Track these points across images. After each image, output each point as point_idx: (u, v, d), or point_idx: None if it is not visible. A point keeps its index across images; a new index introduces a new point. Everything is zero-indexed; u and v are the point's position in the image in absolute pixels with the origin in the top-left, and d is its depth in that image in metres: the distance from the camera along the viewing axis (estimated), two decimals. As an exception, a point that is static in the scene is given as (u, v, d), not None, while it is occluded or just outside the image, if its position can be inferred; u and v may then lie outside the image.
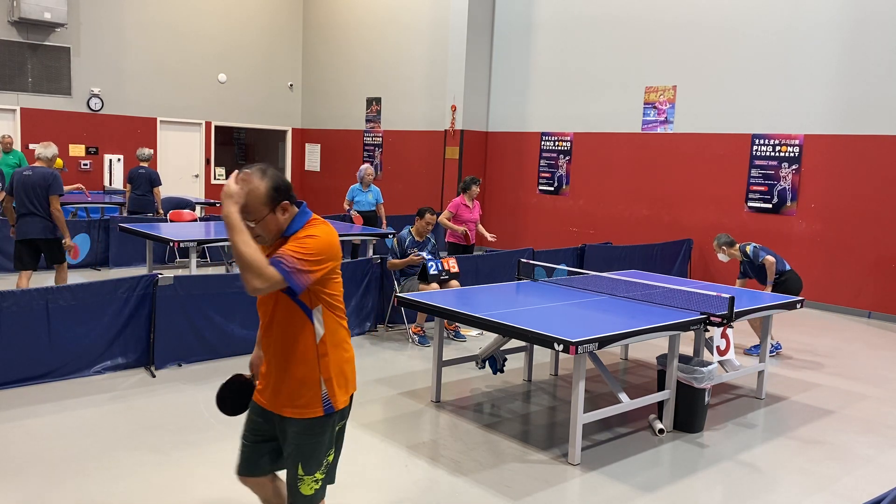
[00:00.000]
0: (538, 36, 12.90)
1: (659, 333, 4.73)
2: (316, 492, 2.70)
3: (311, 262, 2.50)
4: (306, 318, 2.62)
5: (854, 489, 4.29)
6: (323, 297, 2.62)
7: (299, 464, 2.67)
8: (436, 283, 6.96)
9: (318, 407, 2.64)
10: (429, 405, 5.41)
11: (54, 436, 4.57)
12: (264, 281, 2.41)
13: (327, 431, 2.68)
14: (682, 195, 11.12)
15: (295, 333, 2.63)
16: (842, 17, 9.43)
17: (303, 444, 2.66)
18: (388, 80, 15.51)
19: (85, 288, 5.69)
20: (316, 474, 2.68)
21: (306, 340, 2.63)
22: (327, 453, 2.71)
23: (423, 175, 14.73)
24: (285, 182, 2.61)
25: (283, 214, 2.60)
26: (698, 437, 4.99)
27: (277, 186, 2.56)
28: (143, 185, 10.95)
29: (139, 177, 10.96)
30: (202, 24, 16.05)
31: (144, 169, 10.98)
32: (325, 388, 2.65)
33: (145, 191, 10.95)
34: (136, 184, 10.97)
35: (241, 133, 18.49)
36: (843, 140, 9.49)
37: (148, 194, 10.96)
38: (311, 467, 2.67)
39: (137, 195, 10.97)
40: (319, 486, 2.70)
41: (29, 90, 13.95)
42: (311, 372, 2.64)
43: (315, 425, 2.66)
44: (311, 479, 2.68)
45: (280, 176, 2.61)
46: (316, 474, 2.68)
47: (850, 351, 7.61)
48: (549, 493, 4.07)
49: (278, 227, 2.61)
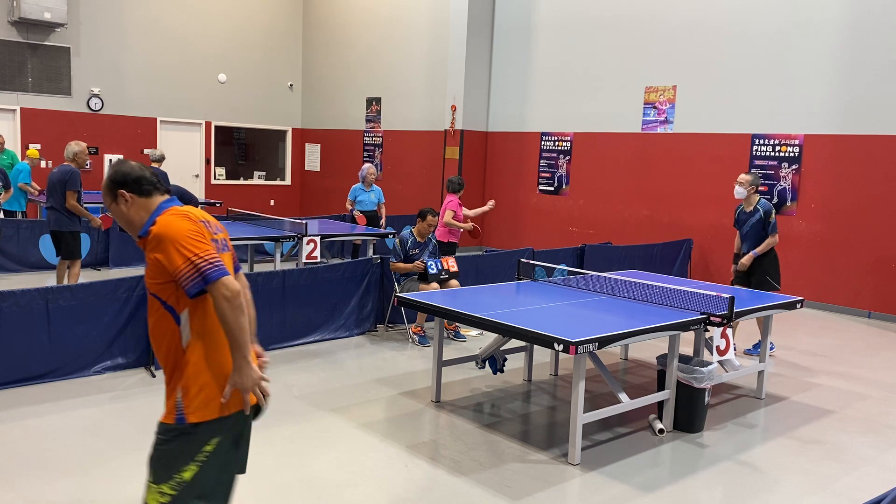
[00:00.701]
0: (538, 36, 12.90)
1: (659, 333, 4.73)
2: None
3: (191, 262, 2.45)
4: (174, 322, 2.53)
5: (854, 489, 4.29)
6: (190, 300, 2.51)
7: (149, 468, 2.52)
8: (436, 282, 6.96)
9: (172, 414, 2.50)
10: (429, 405, 5.42)
11: (54, 436, 4.57)
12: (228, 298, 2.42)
13: (179, 443, 2.48)
14: (682, 195, 11.12)
15: (162, 336, 2.56)
16: (842, 17, 9.43)
17: (154, 446, 2.52)
18: (388, 80, 15.50)
19: (85, 288, 5.69)
20: (162, 486, 2.45)
21: (171, 344, 2.54)
22: (181, 468, 2.47)
23: (423, 175, 14.73)
24: (128, 174, 2.61)
25: (126, 206, 2.59)
26: (698, 437, 4.99)
27: (113, 177, 2.61)
28: None
29: None
30: (202, 25, 16.05)
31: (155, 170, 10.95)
32: (180, 395, 2.49)
33: None
34: None
35: (241, 133, 18.48)
36: (843, 140, 9.49)
37: None
38: (157, 476, 2.48)
39: None
40: (166, 502, 2.46)
41: (29, 90, 13.95)
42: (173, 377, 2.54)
43: (166, 431, 2.50)
44: (157, 489, 2.46)
45: (125, 168, 2.63)
46: (162, 486, 2.45)
47: (850, 351, 7.61)
48: (549, 493, 4.07)
49: (128, 220, 2.60)
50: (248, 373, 2.48)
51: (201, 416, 2.48)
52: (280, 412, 5.14)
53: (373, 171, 10.36)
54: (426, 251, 7.31)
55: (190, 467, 2.47)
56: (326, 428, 4.88)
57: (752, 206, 7.11)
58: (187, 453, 2.48)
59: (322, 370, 6.17)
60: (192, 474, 2.47)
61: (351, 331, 7.29)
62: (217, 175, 16.80)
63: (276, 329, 6.70)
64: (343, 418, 5.07)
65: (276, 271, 6.77)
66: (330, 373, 6.11)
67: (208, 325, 2.52)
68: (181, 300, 2.50)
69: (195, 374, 2.50)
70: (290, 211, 17.44)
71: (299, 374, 6.02)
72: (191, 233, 2.48)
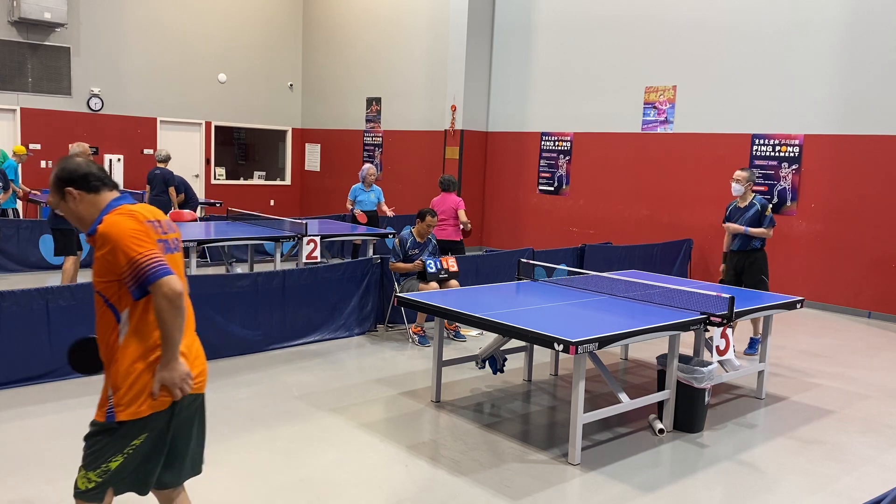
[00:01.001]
0: (538, 36, 12.90)
1: (659, 333, 4.73)
2: (88, 490, 2.63)
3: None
4: (115, 320, 2.61)
5: (854, 489, 4.29)
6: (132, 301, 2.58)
7: (83, 453, 2.65)
8: (435, 282, 6.97)
9: (103, 411, 2.62)
10: (429, 405, 5.42)
11: (54, 436, 4.57)
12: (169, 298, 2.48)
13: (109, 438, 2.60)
14: (682, 195, 11.12)
15: (103, 333, 2.64)
16: (842, 17, 9.43)
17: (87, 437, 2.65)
18: (388, 80, 15.50)
19: (85, 288, 5.69)
20: (90, 473, 2.62)
21: (109, 342, 2.63)
22: (109, 459, 2.61)
23: (423, 175, 14.73)
24: (75, 171, 2.62)
25: (74, 203, 2.62)
26: (698, 437, 4.99)
27: (60, 175, 2.62)
28: (159, 186, 11.00)
29: (155, 178, 11.04)
30: (202, 25, 16.05)
31: (160, 170, 11.03)
32: (111, 393, 2.61)
33: (160, 191, 10.99)
34: (152, 185, 11.05)
35: (241, 133, 18.48)
36: (843, 140, 9.49)
37: (163, 195, 10.98)
38: (87, 463, 2.63)
39: (154, 196, 11.02)
40: (92, 487, 2.62)
41: (29, 90, 13.95)
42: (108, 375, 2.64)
43: (98, 426, 2.64)
44: (85, 475, 2.63)
45: (71, 165, 2.64)
46: (90, 473, 2.62)
47: (851, 351, 7.61)
48: (549, 493, 4.07)
49: (78, 216, 2.64)
50: (176, 367, 2.58)
51: (129, 415, 2.58)
52: (280, 412, 5.14)
53: (372, 172, 10.37)
54: (426, 251, 7.32)
55: (117, 458, 2.61)
56: (326, 428, 4.88)
57: (747, 202, 7.07)
58: (116, 447, 2.61)
59: (322, 370, 6.17)
60: (117, 464, 2.62)
61: (351, 331, 7.30)
62: (217, 175, 16.81)
63: (276, 329, 6.70)
64: (343, 418, 5.07)
65: (276, 271, 6.77)
66: (330, 373, 6.11)
67: (144, 326, 2.59)
68: (123, 299, 2.57)
69: (126, 373, 2.58)
70: (290, 211, 17.44)
71: (299, 374, 6.02)
72: (135, 232, 2.52)
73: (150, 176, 11.09)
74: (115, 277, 2.53)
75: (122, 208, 2.61)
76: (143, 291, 2.51)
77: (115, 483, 2.65)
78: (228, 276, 6.48)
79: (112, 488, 2.66)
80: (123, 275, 2.51)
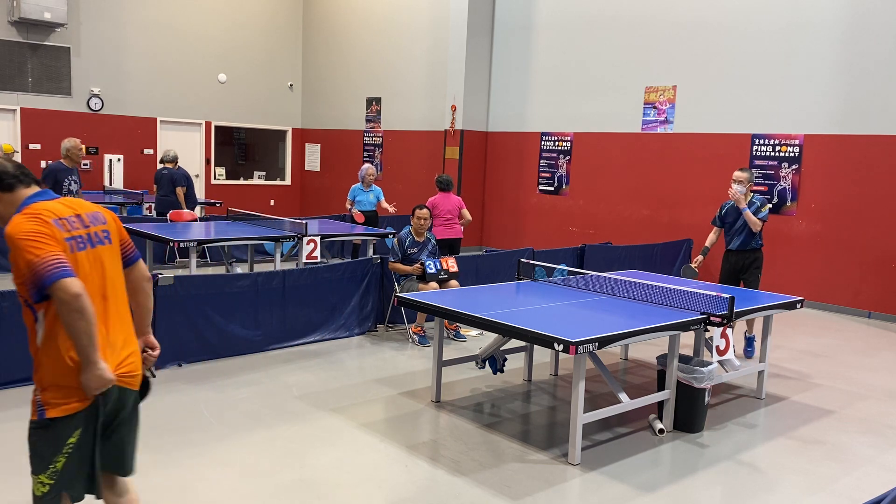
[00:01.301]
0: (538, 36, 12.90)
1: (659, 333, 4.73)
2: (43, 494, 2.63)
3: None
4: (33, 320, 2.62)
5: (854, 489, 4.29)
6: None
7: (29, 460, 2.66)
8: (435, 282, 6.96)
9: (34, 409, 2.62)
10: (429, 405, 5.42)
11: (54, 436, 4.56)
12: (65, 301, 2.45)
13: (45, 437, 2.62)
14: (682, 195, 11.12)
15: (28, 333, 2.65)
16: (842, 17, 9.43)
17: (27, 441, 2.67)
18: (388, 80, 15.50)
19: (85, 288, 5.68)
20: (41, 477, 2.62)
21: (32, 341, 2.64)
22: (53, 459, 2.61)
23: (423, 175, 14.72)
24: None
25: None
26: (698, 437, 4.99)
27: None
28: (166, 186, 10.99)
29: (162, 178, 11.03)
30: (202, 24, 16.05)
31: (167, 170, 11.03)
32: (39, 392, 2.62)
33: (168, 191, 10.98)
34: (159, 185, 11.05)
35: (241, 133, 18.48)
36: (843, 140, 9.49)
37: (170, 195, 10.97)
38: (35, 467, 2.64)
39: (161, 196, 11.02)
40: (47, 490, 2.62)
41: (29, 90, 13.95)
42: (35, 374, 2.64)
43: (32, 425, 2.65)
44: (37, 480, 2.63)
45: None
46: (41, 477, 2.62)
47: (850, 351, 7.61)
48: (549, 493, 4.07)
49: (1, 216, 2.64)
50: (94, 373, 2.53)
51: (58, 413, 2.58)
52: (280, 412, 5.14)
53: (372, 172, 10.37)
54: (425, 250, 7.32)
55: (60, 458, 2.60)
56: (326, 428, 4.88)
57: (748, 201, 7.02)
58: (54, 447, 2.60)
59: (322, 370, 6.17)
60: (62, 464, 2.61)
61: (351, 331, 7.30)
62: (217, 175, 16.80)
63: (276, 329, 6.70)
64: (343, 418, 5.07)
65: (276, 271, 6.77)
66: (330, 373, 6.11)
67: (59, 325, 2.55)
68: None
69: (48, 372, 2.59)
70: (290, 211, 17.44)
71: (299, 374, 6.02)
72: (32, 234, 2.48)
73: (157, 176, 11.09)
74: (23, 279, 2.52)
75: (30, 208, 2.57)
76: (41, 295, 2.48)
77: (67, 485, 2.65)
78: (228, 276, 6.48)
79: (66, 492, 2.66)
80: (24, 278, 2.49)
